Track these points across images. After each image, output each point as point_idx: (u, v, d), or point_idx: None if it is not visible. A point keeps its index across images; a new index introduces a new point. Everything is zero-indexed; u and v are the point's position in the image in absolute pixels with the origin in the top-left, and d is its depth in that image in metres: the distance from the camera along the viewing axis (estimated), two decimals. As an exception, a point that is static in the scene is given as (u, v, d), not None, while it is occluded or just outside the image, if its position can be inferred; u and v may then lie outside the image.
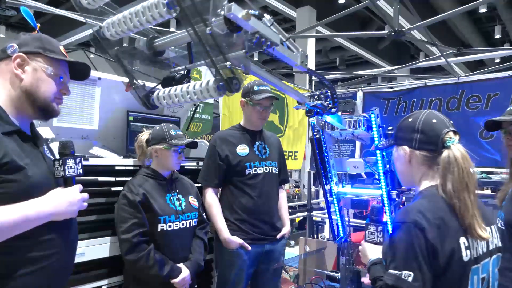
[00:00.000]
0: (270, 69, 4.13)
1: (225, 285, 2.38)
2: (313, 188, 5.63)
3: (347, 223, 2.29)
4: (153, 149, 2.01)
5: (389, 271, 1.11)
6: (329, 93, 1.72)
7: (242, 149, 2.42)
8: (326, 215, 5.46)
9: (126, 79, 1.34)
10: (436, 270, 1.09)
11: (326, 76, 4.66)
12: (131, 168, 2.19)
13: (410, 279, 1.07)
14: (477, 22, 9.41)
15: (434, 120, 1.24)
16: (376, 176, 2.04)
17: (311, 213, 4.55)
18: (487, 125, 1.67)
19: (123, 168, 2.15)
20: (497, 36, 9.14)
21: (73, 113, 2.22)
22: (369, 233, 1.37)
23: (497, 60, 9.58)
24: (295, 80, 5.65)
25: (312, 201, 4.63)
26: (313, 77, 4.56)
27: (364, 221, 1.48)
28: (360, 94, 4.03)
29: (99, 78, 2.29)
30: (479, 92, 3.26)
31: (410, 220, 1.11)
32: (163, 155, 2.00)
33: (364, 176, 3.80)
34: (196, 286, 2.14)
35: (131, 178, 2.04)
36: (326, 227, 6.00)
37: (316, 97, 1.67)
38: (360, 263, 2.60)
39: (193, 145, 2.09)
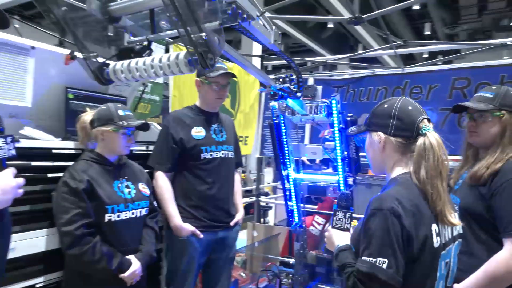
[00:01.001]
0: (222, 50, 3.99)
1: (175, 275, 2.26)
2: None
3: (302, 209, 2.29)
4: (99, 131, 1.80)
5: (363, 258, 1.10)
6: (294, 77, 1.66)
7: (198, 132, 2.29)
8: (273, 200, 5.52)
9: (66, 51, 1.15)
10: (409, 257, 1.09)
11: (274, 62, 4.65)
12: (72, 152, 1.96)
13: (384, 266, 1.06)
14: (410, 19, 10.00)
15: (409, 107, 1.23)
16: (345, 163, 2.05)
17: (259, 198, 4.55)
18: (455, 109, 1.71)
19: (61, 151, 1.91)
20: (427, 32, 9.81)
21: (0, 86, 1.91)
22: (337, 219, 1.35)
23: (425, 55, 10.31)
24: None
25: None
26: (265, 63, 4.50)
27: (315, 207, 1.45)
28: (311, 81, 4.06)
29: (33, 48, 1.99)
30: (421, 83, 3.45)
31: (386, 207, 1.09)
32: (110, 138, 1.81)
33: (307, 162, 3.87)
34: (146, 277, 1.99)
35: (72, 163, 1.82)
36: (271, 212, 6.07)
37: (281, 80, 1.60)
38: (314, 248, 2.64)
39: (145, 127, 1.91)
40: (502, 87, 1.65)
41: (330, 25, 9.11)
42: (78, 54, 2.09)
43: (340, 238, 1.31)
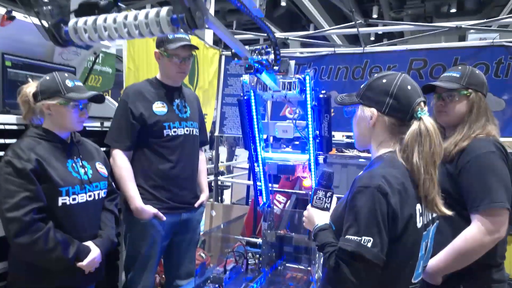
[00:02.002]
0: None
1: (135, 260, 2.13)
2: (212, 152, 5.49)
3: (270, 188, 2.24)
4: (44, 106, 1.58)
5: (348, 236, 1.06)
6: (271, 50, 1.55)
7: (160, 107, 2.11)
8: (229, 179, 5.45)
9: (1, 10, 0.94)
10: (393, 236, 1.07)
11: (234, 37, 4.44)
12: (14, 128, 1.71)
13: (369, 244, 1.03)
14: (359, 2, 10.17)
15: (408, 87, 1.18)
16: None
17: (218, 178, 4.46)
18: (423, 89, 1.72)
19: (0, 127, 1.67)
20: (374, 16, 10.08)
21: None
22: (317, 198, 1.30)
23: (372, 38, 10.63)
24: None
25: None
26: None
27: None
28: (272, 57, 3.95)
29: (-40, 4, 1.68)
30: (381, 63, 3.50)
31: (373, 185, 1.06)
32: (58, 113, 1.59)
33: (270, 140, 3.82)
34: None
35: (15, 140, 1.58)
36: (227, 191, 6.02)
37: (257, 52, 1.49)
38: (276, 227, 2.61)
39: (99, 99, 1.71)
40: (468, 67, 1.68)
41: (283, 3, 8.99)
42: (18, 14, 1.82)
43: (319, 217, 1.28)
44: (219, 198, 5.21)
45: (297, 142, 3.36)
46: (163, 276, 2.67)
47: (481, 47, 3.25)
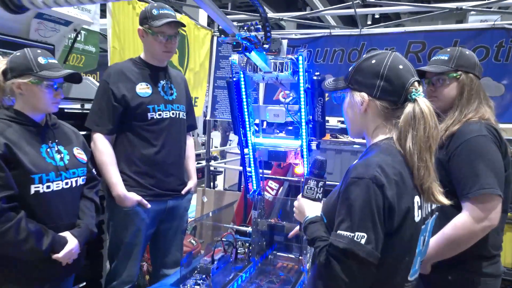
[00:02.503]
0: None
1: (119, 248, 2.04)
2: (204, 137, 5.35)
3: (260, 175, 2.14)
4: (15, 84, 1.45)
5: (339, 232, 0.97)
6: (261, 26, 1.43)
7: (144, 89, 1.99)
8: (222, 165, 5.36)
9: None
10: (389, 230, 0.98)
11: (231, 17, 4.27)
12: (-16, 109, 1.58)
13: (363, 241, 0.94)
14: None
15: (400, 66, 1.07)
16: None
17: (209, 163, 4.36)
18: None
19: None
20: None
21: None
22: (308, 188, 1.20)
23: (369, 22, 10.41)
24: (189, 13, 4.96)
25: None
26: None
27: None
28: (263, 35, 3.79)
29: None
30: (378, 46, 3.38)
31: (368, 176, 0.97)
32: (30, 92, 1.47)
33: (264, 125, 3.70)
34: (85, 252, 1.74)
35: (-17, 123, 1.46)
36: (220, 177, 5.93)
37: (246, 28, 1.36)
38: (268, 214, 2.53)
39: (74, 78, 1.58)
40: (457, 48, 1.60)
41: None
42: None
43: (310, 209, 1.18)
44: (212, 184, 5.13)
45: (290, 127, 3.26)
46: (149, 264, 2.60)
47: (482, 30, 3.14)
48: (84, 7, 2.51)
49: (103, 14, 2.75)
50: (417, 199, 1.03)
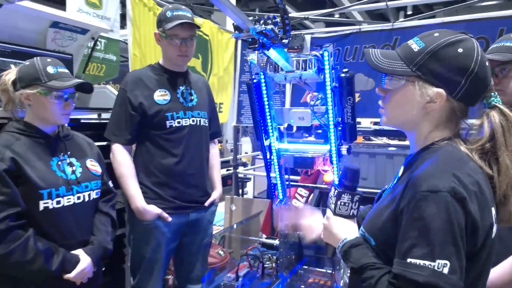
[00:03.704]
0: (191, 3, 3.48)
1: (140, 264, 1.94)
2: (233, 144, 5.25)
3: (287, 183, 1.98)
4: (23, 95, 1.39)
5: (412, 260, 0.77)
6: (279, 20, 1.28)
7: (162, 96, 1.89)
8: (251, 171, 5.22)
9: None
10: (470, 252, 0.79)
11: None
12: (-1, 121, 1.54)
13: (445, 270, 0.74)
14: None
15: (487, 62, 0.87)
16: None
17: (237, 170, 4.24)
18: None
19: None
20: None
21: None
22: (342, 203, 1.01)
23: (401, 19, 9.96)
24: (216, 19, 4.90)
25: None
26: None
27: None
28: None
29: None
30: (413, 40, 3.13)
31: (445, 188, 0.76)
32: (39, 104, 1.40)
33: (294, 129, 3.53)
34: (103, 270, 1.65)
35: (-5, 136, 1.40)
36: (249, 184, 5.80)
37: (262, 22, 1.22)
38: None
39: (85, 88, 1.50)
40: None
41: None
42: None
43: (346, 229, 0.99)
44: (241, 191, 5.00)
45: (319, 131, 3.08)
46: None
47: (533, 16, 2.82)
48: (104, 15, 2.47)
49: (123, 24, 2.72)
50: (493, 211, 0.84)
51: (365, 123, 4.08)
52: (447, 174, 0.79)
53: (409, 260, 0.77)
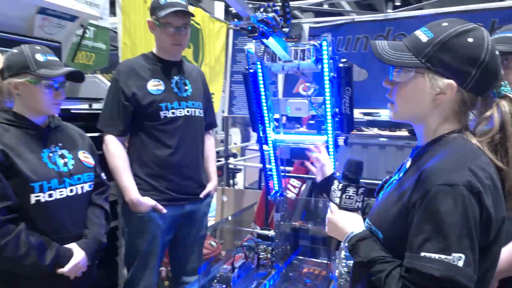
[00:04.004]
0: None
1: (134, 257, 1.92)
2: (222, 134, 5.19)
3: (282, 174, 1.97)
4: (11, 84, 1.33)
5: (427, 254, 0.76)
6: (279, 8, 1.25)
7: (156, 85, 1.85)
8: (242, 162, 5.21)
9: None
10: (482, 245, 0.79)
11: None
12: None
13: (460, 263, 0.73)
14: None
15: (497, 52, 0.85)
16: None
17: (228, 161, 4.22)
18: None
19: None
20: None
21: None
22: (347, 197, 1.00)
23: (389, 10, 9.96)
24: (205, 7, 4.77)
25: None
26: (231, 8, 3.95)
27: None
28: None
29: None
30: (406, 31, 3.11)
31: (462, 182, 0.75)
32: (28, 93, 1.34)
33: (283, 120, 3.50)
34: (97, 263, 1.62)
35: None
36: (240, 175, 5.78)
37: (263, 9, 1.18)
38: (291, 215, 2.36)
39: (76, 76, 1.45)
40: None
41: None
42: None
43: (352, 222, 0.98)
44: (232, 182, 4.99)
45: (312, 121, 3.06)
46: (169, 269, 2.48)
47: (524, 8, 2.84)
48: (92, 1, 2.38)
49: (113, 12, 2.64)
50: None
51: (356, 114, 4.09)
52: (463, 167, 0.78)
53: (423, 254, 0.76)
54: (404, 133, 3.41)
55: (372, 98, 3.23)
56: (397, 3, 9.73)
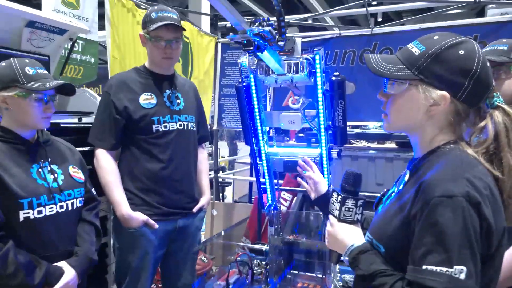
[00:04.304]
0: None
1: (126, 273, 1.86)
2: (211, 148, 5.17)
3: (276, 187, 1.96)
4: (0, 98, 1.30)
5: (428, 267, 0.75)
6: (273, 22, 1.26)
7: (147, 99, 1.83)
8: (231, 176, 5.17)
9: None
10: (484, 256, 0.79)
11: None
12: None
13: (462, 276, 0.73)
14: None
15: (488, 63, 0.88)
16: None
17: (218, 174, 4.19)
18: None
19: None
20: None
21: None
22: (346, 209, 1.00)
23: (372, 26, 10.23)
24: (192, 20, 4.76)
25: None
26: (219, 18, 3.97)
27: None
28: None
29: None
30: (391, 44, 3.20)
31: (460, 193, 0.76)
32: (17, 107, 1.31)
33: (270, 133, 3.50)
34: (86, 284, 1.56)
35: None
36: (229, 188, 5.74)
37: (258, 24, 1.19)
38: (289, 232, 2.34)
39: (67, 89, 1.42)
40: None
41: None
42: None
43: (352, 235, 0.97)
44: (221, 195, 4.94)
45: (301, 134, 3.07)
46: (160, 286, 2.42)
47: (503, 23, 2.95)
48: (81, 15, 2.37)
49: (101, 26, 2.62)
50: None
51: (345, 126, 4.12)
52: (460, 178, 0.78)
53: (424, 267, 0.76)
54: (392, 145, 3.45)
55: (360, 110, 3.28)
56: (379, 19, 10.02)
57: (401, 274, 0.82)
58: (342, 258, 0.99)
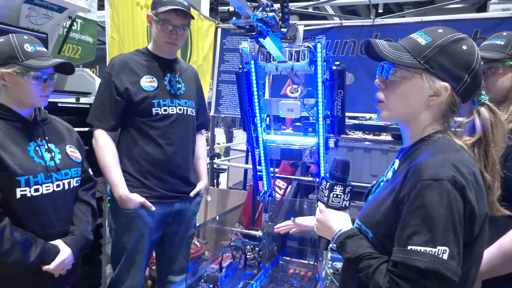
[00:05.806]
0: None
1: (121, 255, 1.88)
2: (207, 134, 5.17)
3: (272, 175, 1.97)
4: None
5: (413, 247, 0.78)
6: (277, 7, 1.25)
7: (149, 82, 1.83)
8: (226, 162, 5.18)
9: None
10: (466, 240, 0.81)
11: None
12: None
13: (445, 256, 0.76)
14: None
15: (482, 63, 0.92)
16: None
17: (213, 161, 4.19)
18: None
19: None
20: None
21: None
22: (334, 195, 1.02)
23: (372, 17, 10.16)
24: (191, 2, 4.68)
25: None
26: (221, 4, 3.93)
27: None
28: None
29: None
30: (392, 36, 3.18)
31: (446, 177, 0.79)
32: (15, 84, 1.30)
33: (267, 121, 3.50)
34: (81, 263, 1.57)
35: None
36: (223, 175, 5.75)
37: (261, 9, 1.18)
38: (283, 220, 2.36)
39: (65, 68, 1.41)
40: None
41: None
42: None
43: (340, 221, 1.00)
44: (215, 182, 4.95)
45: (298, 123, 3.08)
46: (154, 268, 2.44)
47: (504, 19, 2.94)
48: (81, -6, 2.33)
49: (100, 6, 2.58)
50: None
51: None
52: (447, 163, 0.81)
53: (409, 247, 0.79)
54: (388, 137, 3.48)
55: (357, 102, 3.28)
56: (380, 11, 9.95)
57: (387, 257, 0.85)
58: (330, 245, 1.01)
